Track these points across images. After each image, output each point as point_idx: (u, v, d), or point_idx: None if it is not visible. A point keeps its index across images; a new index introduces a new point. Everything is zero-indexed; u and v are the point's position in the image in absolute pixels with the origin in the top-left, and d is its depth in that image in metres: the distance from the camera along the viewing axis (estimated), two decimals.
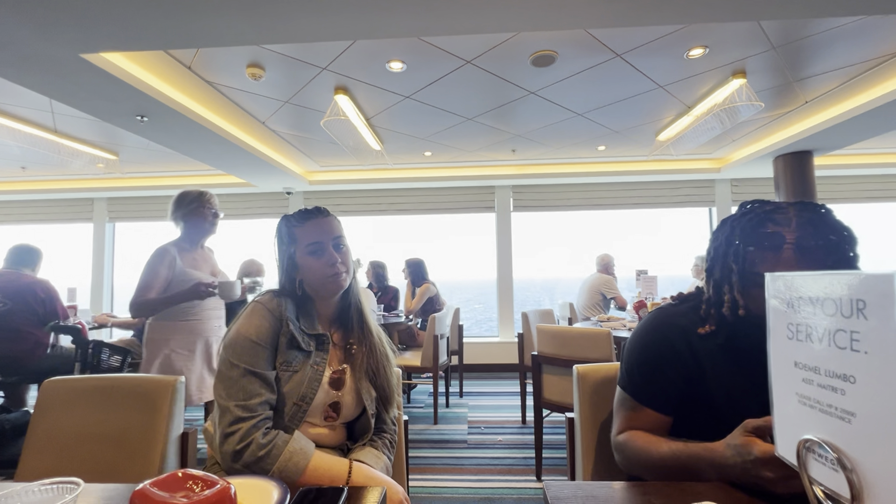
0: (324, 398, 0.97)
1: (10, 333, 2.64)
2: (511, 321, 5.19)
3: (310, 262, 1.02)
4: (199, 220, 2.02)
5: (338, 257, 1.02)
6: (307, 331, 1.00)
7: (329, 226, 1.05)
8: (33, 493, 0.49)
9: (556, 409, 2.26)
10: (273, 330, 0.95)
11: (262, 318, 0.95)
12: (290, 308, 0.99)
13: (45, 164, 4.56)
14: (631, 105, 3.17)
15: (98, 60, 2.14)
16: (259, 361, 0.91)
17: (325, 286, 1.02)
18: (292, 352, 0.96)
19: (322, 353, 1.00)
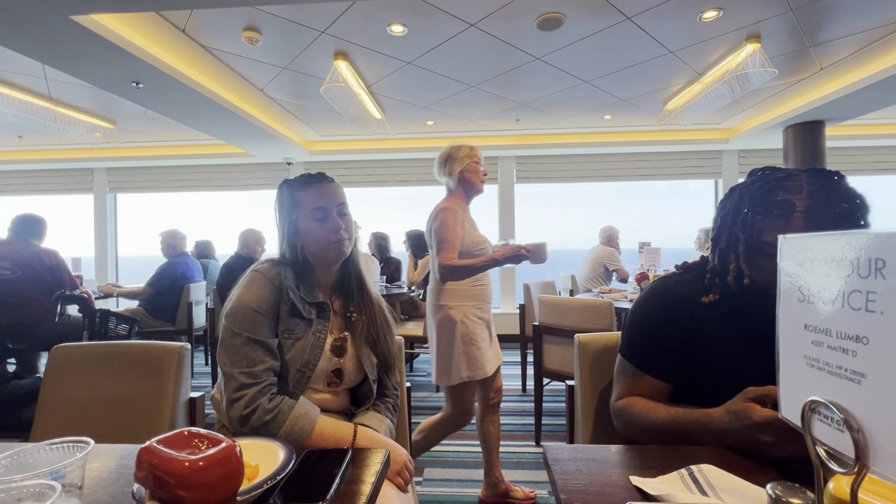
0: (326, 365, 0.98)
1: (19, 300, 2.67)
2: (512, 293, 5.22)
3: (313, 228, 1.00)
4: (472, 174, 1.84)
5: (341, 223, 1.02)
6: (308, 299, 1.00)
7: (333, 192, 1.04)
8: (45, 451, 0.50)
9: (556, 377, 2.30)
10: (273, 298, 0.95)
11: (263, 286, 0.95)
12: (289, 276, 0.99)
13: (43, 133, 4.50)
14: (639, 72, 3.07)
15: (89, 23, 2.06)
16: (261, 329, 0.92)
17: (327, 253, 1.02)
18: (294, 319, 0.96)
19: (323, 320, 1.01)
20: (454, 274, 1.70)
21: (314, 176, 1.05)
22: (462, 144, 1.89)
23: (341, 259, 1.05)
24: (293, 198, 1.03)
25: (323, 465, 0.63)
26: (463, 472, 2.06)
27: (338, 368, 1.01)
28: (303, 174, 1.07)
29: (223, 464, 0.39)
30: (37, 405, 1.18)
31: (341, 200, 1.04)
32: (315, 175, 1.06)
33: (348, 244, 1.04)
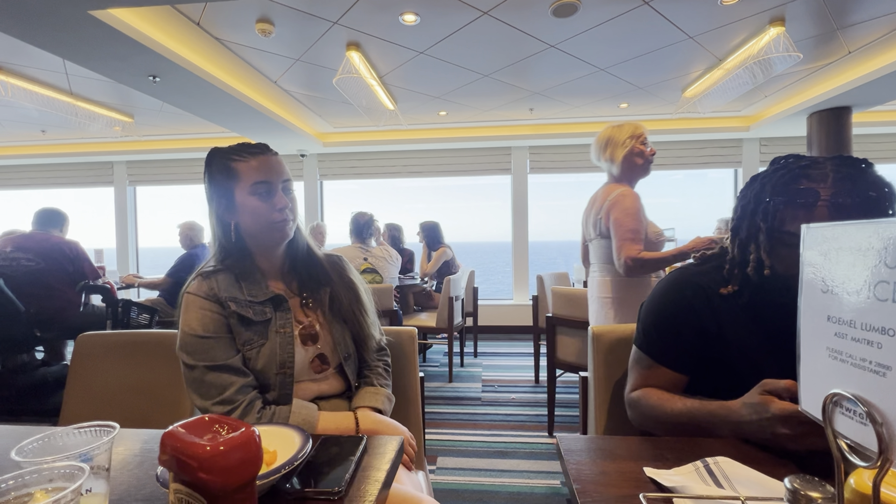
0: (304, 356, 0.92)
1: (43, 291, 2.76)
2: (526, 284, 5.20)
3: (253, 204, 0.89)
4: (638, 157, 1.68)
5: (287, 201, 0.92)
6: (257, 298, 0.90)
7: (279, 166, 0.92)
8: (74, 434, 0.52)
9: (570, 369, 2.29)
10: (217, 316, 0.86)
11: (199, 308, 0.85)
12: (224, 284, 0.88)
13: (64, 128, 4.60)
14: (657, 58, 2.99)
15: (107, 17, 2.09)
16: (217, 353, 0.84)
17: (269, 233, 0.91)
18: (249, 328, 0.88)
19: (283, 312, 0.92)
20: (644, 268, 1.54)
21: (256, 146, 0.92)
22: (623, 123, 1.71)
23: (284, 241, 0.95)
24: (228, 168, 0.90)
25: (338, 451, 0.64)
26: (475, 461, 2.08)
27: (319, 354, 0.94)
28: (241, 143, 0.93)
29: (243, 448, 0.40)
30: (64, 391, 1.23)
31: (287, 177, 0.94)
32: (257, 145, 0.93)
33: (292, 225, 0.94)
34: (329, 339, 0.96)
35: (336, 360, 0.97)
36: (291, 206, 0.93)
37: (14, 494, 0.39)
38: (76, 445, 0.50)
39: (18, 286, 2.65)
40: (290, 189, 0.95)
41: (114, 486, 0.58)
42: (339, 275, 1.03)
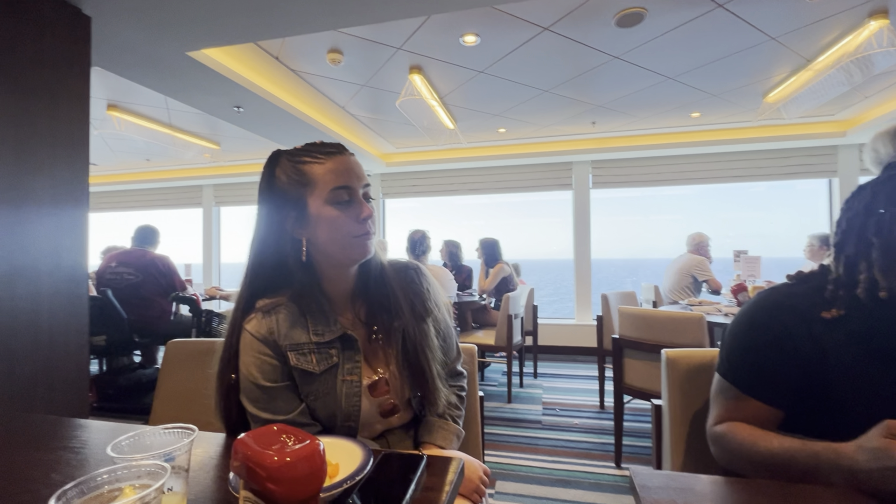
0: (371, 405, 0.80)
1: (141, 301, 3.09)
2: (588, 303, 4.98)
3: (331, 215, 0.75)
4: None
5: (371, 210, 0.78)
6: (323, 338, 0.77)
7: (359, 168, 0.78)
8: (159, 434, 0.56)
9: (639, 395, 2.14)
10: (277, 364, 0.75)
11: (258, 352, 0.75)
12: (287, 324, 0.76)
13: (164, 156, 5.20)
14: (734, 63, 2.79)
15: (200, 57, 2.35)
16: (278, 405, 0.75)
17: (348, 250, 0.77)
18: (312, 378, 0.77)
19: (351, 353, 0.79)
20: None
21: (330, 145, 0.78)
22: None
23: (363, 259, 0.80)
24: (299, 172, 0.76)
25: (399, 469, 0.64)
26: (536, 488, 1.98)
27: (388, 403, 0.82)
28: (309, 142, 0.79)
29: (308, 461, 0.41)
30: (154, 392, 1.35)
31: (367, 181, 0.80)
32: (331, 143, 0.79)
33: (374, 240, 0.80)
34: (399, 385, 0.83)
35: (405, 399, 0.86)
36: (373, 218, 0.79)
37: (107, 488, 0.42)
38: (161, 445, 0.54)
39: (121, 297, 3.00)
40: (370, 196, 0.80)
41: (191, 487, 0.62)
42: (412, 305, 0.87)
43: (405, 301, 0.86)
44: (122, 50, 2.15)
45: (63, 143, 1.73)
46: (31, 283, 1.61)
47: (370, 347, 0.83)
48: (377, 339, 0.83)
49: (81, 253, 1.80)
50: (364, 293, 0.85)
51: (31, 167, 1.62)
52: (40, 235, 1.65)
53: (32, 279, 1.61)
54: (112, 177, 6.05)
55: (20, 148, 1.59)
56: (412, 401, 0.87)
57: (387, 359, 0.83)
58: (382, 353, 0.83)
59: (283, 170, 0.77)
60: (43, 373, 1.65)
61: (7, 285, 1.54)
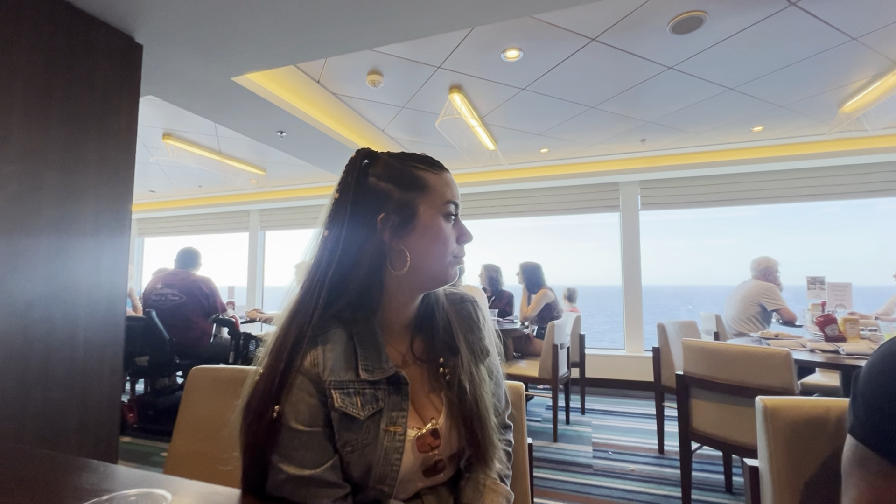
0: (414, 462, 0.66)
1: (184, 322, 3.12)
2: (640, 333, 4.61)
3: (443, 229, 0.67)
4: None
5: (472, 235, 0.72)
6: (371, 376, 0.64)
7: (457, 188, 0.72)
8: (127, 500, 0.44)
9: (710, 443, 1.85)
10: (314, 403, 0.61)
11: (303, 389, 0.61)
12: (334, 355, 0.63)
13: (215, 182, 5.43)
14: (805, 69, 2.53)
15: (245, 82, 2.40)
16: (305, 456, 0.60)
17: (443, 271, 0.69)
18: (353, 425, 0.62)
19: (398, 399, 0.65)
20: None
21: (436, 161, 0.72)
22: None
23: (449, 283, 0.72)
24: (413, 175, 0.68)
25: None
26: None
27: (436, 460, 0.68)
28: (413, 152, 0.72)
29: None
30: (175, 423, 1.27)
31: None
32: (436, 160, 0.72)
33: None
34: (449, 438, 0.69)
35: (454, 455, 0.71)
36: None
37: None
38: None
39: (165, 318, 3.04)
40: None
41: None
42: (470, 343, 0.74)
43: (464, 339, 0.74)
44: (172, 77, 2.22)
45: (109, 168, 1.76)
46: (69, 306, 1.60)
47: (420, 391, 0.70)
48: (430, 381, 0.71)
49: (121, 278, 1.79)
50: (422, 325, 0.74)
51: (77, 191, 1.64)
52: (81, 259, 1.65)
53: (70, 303, 1.61)
54: (168, 203, 6.41)
55: (67, 172, 1.61)
56: (461, 457, 0.73)
57: (438, 405, 0.70)
58: (434, 399, 0.70)
59: (386, 169, 0.68)
60: (77, 397, 1.62)
61: (45, 308, 1.54)
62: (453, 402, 0.69)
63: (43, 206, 1.54)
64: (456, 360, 0.71)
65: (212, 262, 4.65)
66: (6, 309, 1.43)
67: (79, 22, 1.67)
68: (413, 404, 0.68)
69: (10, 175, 1.46)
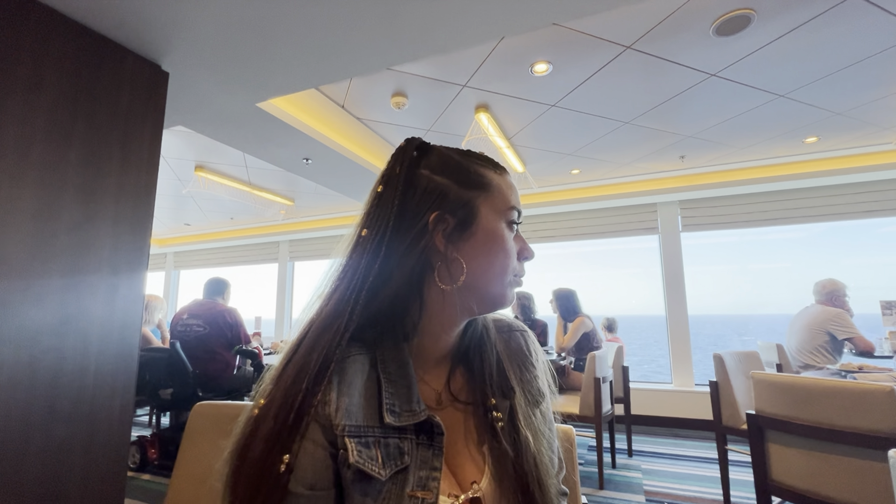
0: None
1: (207, 354, 3.05)
2: (688, 365, 4.23)
3: (507, 241, 0.54)
4: None
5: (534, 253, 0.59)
6: (397, 421, 0.49)
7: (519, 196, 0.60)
8: None
9: (794, 498, 1.54)
10: (322, 456, 0.46)
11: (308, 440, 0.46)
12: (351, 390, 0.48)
13: (246, 214, 5.53)
14: (868, 70, 2.31)
15: (270, 108, 2.39)
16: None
17: (499, 293, 0.54)
18: (369, 487, 0.46)
19: (430, 454, 0.49)
20: None
21: (493, 159, 0.60)
22: None
23: (498, 310, 0.57)
24: (474, 171, 0.56)
25: None
26: None
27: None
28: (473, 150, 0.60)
29: None
30: (175, 464, 1.13)
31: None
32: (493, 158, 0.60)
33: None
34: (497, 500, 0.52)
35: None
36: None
37: None
38: None
39: (189, 349, 2.98)
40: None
41: None
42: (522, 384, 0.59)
43: (518, 377, 0.58)
44: (198, 105, 2.23)
45: (129, 197, 1.72)
46: (80, 336, 1.53)
47: (458, 443, 0.53)
48: (472, 430, 0.54)
49: (136, 308, 1.72)
50: (464, 358, 0.58)
51: (94, 219, 1.60)
52: (96, 289, 1.59)
53: (82, 332, 1.54)
54: (202, 236, 6.57)
55: (85, 199, 1.58)
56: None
57: (481, 465, 0.53)
58: (476, 455, 0.53)
59: (442, 160, 0.56)
60: (82, 433, 1.52)
61: (57, 339, 1.46)
62: (503, 461, 0.52)
63: (59, 232, 1.50)
64: (509, 403, 0.54)
65: (243, 293, 4.68)
66: (14, 337, 1.36)
67: (105, 49, 1.68)
68: (447, 463, 0.51)
69: (28, 201, 1.42)
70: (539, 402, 0.59)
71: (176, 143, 3.20)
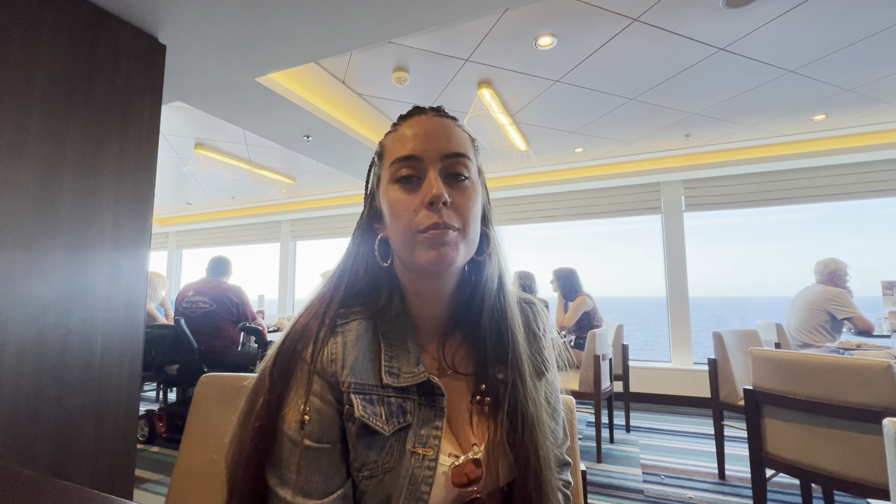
0: (445, 500, 0.50)
1: (213, 331, 3.08)
2: (688, 344, 4.27)
3: (392, 198, 0.51)
4: None
5: (442, 190, 0.48)
6: (397, 382, 0.50)
7: (440, 129, 0.52)
8: None
9: (787, 470, 1.58)
10: (328, 411, 0.48)
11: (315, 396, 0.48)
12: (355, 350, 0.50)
13: (247, 193, 5.51)
14: (880, 44, 2.25)
15: (269, 83, 2.35)
16: (311, 480, 0.46)
17: (413, 254, 0.50)
18: (372, 441, 0.48)
19: (432, 414, 0.51)
20: None
21: (416, 108, 0.56)
22: None
23: (439, 271, 0.51)
24: (382, 146, 0.56)
25: None
26: None
27: (473, 500, 0.52)
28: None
29: None
30: (182, 435, 1.16)
31: (456, 149, 0.52)
32: (419, 107, 0.56)
33: (458, 244, 0.50)
34: (495, 472, 0.53)
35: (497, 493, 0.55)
36: (457, 205, 0.50)
37: None
38: None
39: (194, 326, 3.01)
40: (459, 175, 0.52)
41: None
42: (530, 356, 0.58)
43: (521, 348, 0.57)
44: (196, 79, 2.20)
45: (130, 170, 1.71)
46: (86, 310, 1.55)
47: (459, 409, 0.55)
48: (472, 398, 0.55)
49: (141, 283, 1.73)
50: (464, 326, 0.58)
51: (96, 193, 1.60)
52: (100, 262, 1.60)
53: (88, 307, 1.55)
54: (204, 215, 6.57)
55: (87, 172, 1.57)
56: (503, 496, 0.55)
57: (482, 430, 0.54)
58: (476, 421, 0.54)
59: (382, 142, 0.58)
60: (92, 405, 1.56)
61: (63, 312, 1.48)
62: (502, 427, 0.53)
63: (62, 206, 1.50)
64: (511, 373, 0.54)
65: (244, 272, 4.75)
66: (21, 311, 1.38)
67: (101, 21, 1.65)
68: (449, 426, 0.53)
69: (29, 174, 1.42)
70: (543, 374, 0.60)
71: (175, 119, 3.16)
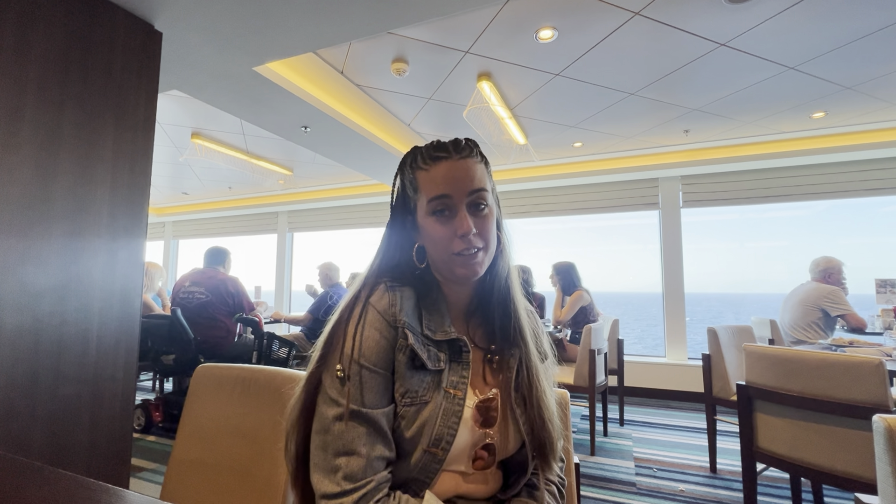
0: (469, 438, 0.63)
1: (209, 321, 3.08)
2: (682, 340, 4.30)
3: (431, 229, 0.66)
4: None
5: (471, 225, 0.64)
6: (435, 335, 0.65)
7: (466, 173, 0.65)
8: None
9: (777, 464, 1.60)
10: (386, 345, 0.61)
11: (374, 327, 0.61)
12: (407, 303, 0.64)
13: (245, 184, 5.48)
14: (882, 42, 2.24)
15: (267, 73, 2.33)
16: (367, 394, 0.59)
17: (451, 269, 0.65)
18: (416, 375, 0.62)
19: (460, 367, 0.65)
20: None
21: (443, 146, 0.68)
22: None
23: (470, 280, 0.67)
24: (414, 176, 0.68)
25: None
26: None
27: (487, 445, 0.65)
28: (435, 141, 0.70)
29: None
30: (178, 426, 1.16)
31: (478, 186, 0.65)
32: (445, 145, 0.68)
33: (483, 257, 0.66)
34: (506, 427, 0.67)
35: (504, 454, 0.68)
36: (481, 231, 0.65)
37: None
38: None
39: (191, 316, 3.01)
40: (481, 204, 0.66)
41: None
42: (537, 338, 0.73)
43: (530, 332, 0.72)
44: (193, 68, 2.17)
45: (126, 158, 1.70)
46: (82, 299, 1.54)
47: (478, 374, 0.70)
48: (491, 362, 0.70)
49: (137, 271, 1.73)
50: (482, 313, 0.73)
51: (92, 181, 1.59)
52: (96, 251, 1.59)
53: (84, 295, 1.55)
54: (201, 205, 6.53)
55: (82, 161, 1.56)
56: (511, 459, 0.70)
57: (499, 386, 0.69)
58: (495, 380, 0.69)
59: (411, 167, 0.70)
60: (88, 394, 1.56)
61: (59, 301, 1.48)
62: (513, 383, 0.68)
63: (57, 195, 1.49)
64: (520, 352, 0.69)
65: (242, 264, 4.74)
66: (16, 300, 1.37)
67: (97, 7, 1.62)
68: (474, 380, 0.67)
69: (24, 162, 1.41)
70: (543, 360, 0.72)
71: (172, 108, 3.14)
